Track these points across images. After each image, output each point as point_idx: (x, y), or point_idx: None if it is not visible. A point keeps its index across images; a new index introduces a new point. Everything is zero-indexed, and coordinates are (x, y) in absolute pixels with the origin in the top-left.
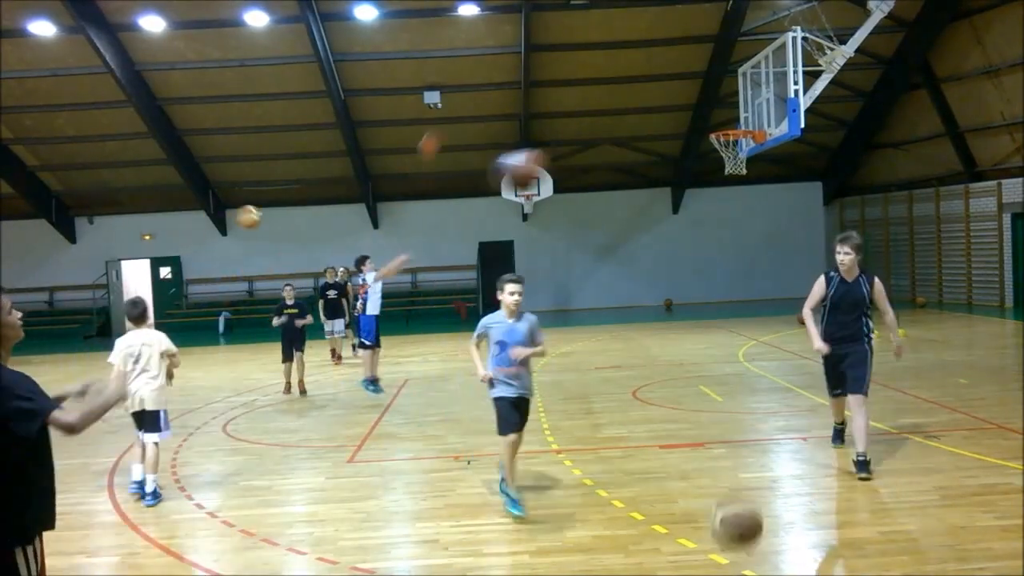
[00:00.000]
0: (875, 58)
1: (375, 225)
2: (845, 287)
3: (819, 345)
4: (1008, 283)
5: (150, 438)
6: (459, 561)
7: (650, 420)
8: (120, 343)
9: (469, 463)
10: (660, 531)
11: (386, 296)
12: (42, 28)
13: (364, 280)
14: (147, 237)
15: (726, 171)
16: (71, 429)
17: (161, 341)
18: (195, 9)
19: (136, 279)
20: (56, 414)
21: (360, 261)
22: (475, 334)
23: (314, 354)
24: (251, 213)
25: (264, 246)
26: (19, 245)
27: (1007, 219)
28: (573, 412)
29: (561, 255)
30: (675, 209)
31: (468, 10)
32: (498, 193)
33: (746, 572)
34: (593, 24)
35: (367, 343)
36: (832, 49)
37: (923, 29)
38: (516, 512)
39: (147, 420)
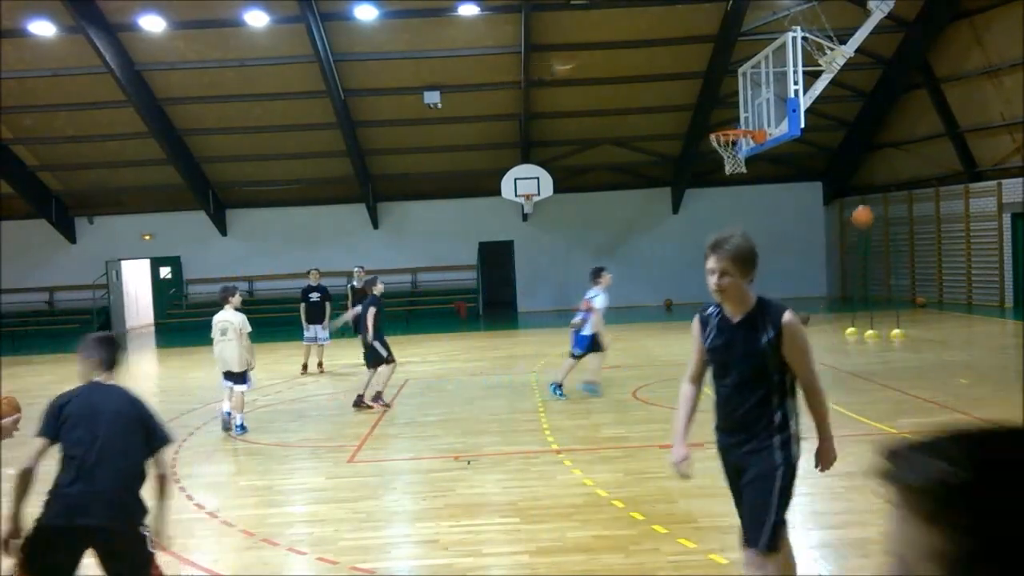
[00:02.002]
0: (875, 58)
1: (375, 225)
2: (729, 334)
3: (674, 452)
4: (1008, 283)
5: (238, 388)
6: (459, 561)
7: (650, 420)
8: (214, 319)
9: (469, 463)
10: (660, 531)
11: (386, 296)
12: (42, 28)
13: (590, 298)
14: (147, 237)
15: (727, 171)
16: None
17: (241, 322)
18: (195, 9)
19: (136, 279)
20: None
21: (597, 273)
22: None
23: (297, 361)
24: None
25: (264, 246)
26: (19, 245)
27: (1007, 219)
28: (573, 412)
29: (561, 255)
30: (675, 209)
31: (468, 10)
32: (498, 193)
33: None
34: (593, 24)
35: (576, 354)
36: (832, 49)
37: (923, 29)
38: None
39: (235, 376)
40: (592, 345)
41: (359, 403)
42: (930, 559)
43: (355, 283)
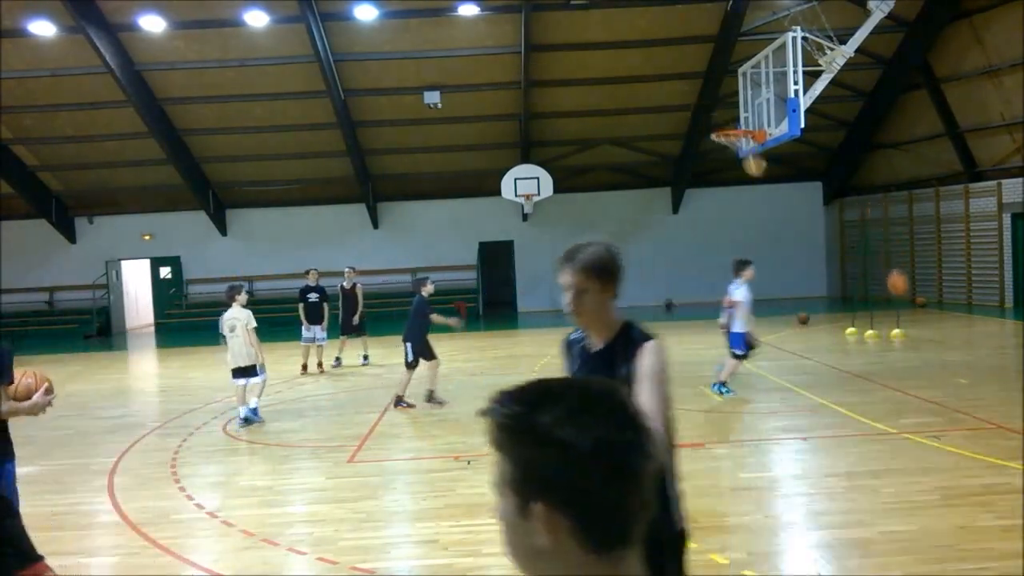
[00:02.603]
0: (875, 58)
1: (375, 225)
2: (590, 365)
3: None
4: (1008, 283)
5: (253, 380)
6: (459, 561)
7: None
8: (223, 318)
9: (469, 463)
10: None
11: (386, 296)
12: (42, 28)
13: (732, 294)
14: (147, 237)
15: (739, 157)
16: None
17: (246, 318)
18: (195, 9)
19: (136, 279)
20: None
21: (741, 265)
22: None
23: (296, 361)
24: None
25: (264, 246)
26: (19, 245)
27: (1007, 219)
28: None
29: (561, 255)
30: (675, 209)
31: (468, 10)
32: (498, 193)
33: (746, 572)
34: (593, 24)
35: (738, 353)
36: (832, 49)
37: (923, 29)
38: None
39: (248, 371)
40: (748, 342)
41: (431, 398)
42: (503, 485)
43: (344, 283)
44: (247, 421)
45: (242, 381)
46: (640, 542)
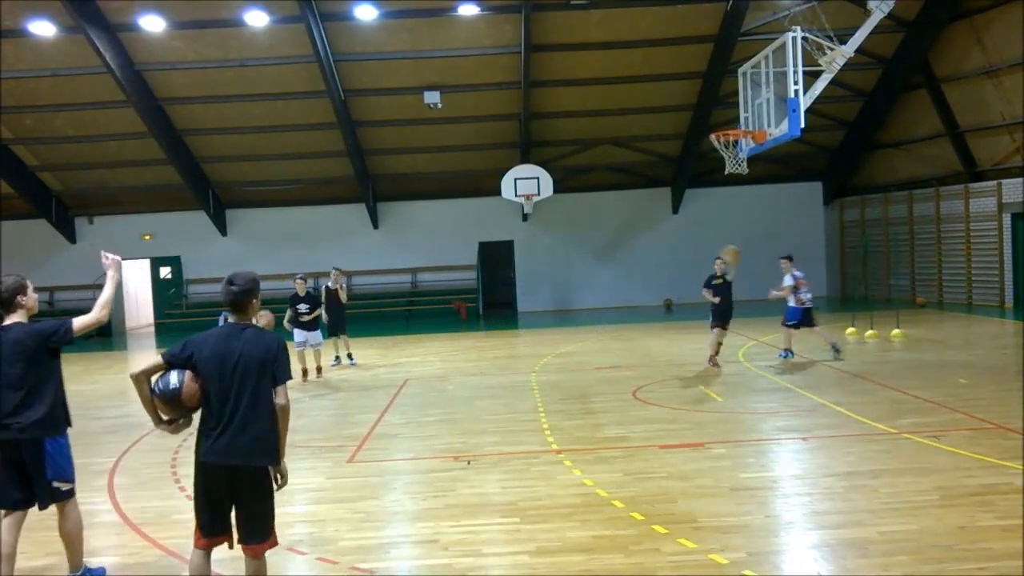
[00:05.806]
0: (875, 58)
1: (375, 225)
2: None
3: None
4: (1008, 283)
5: None
6: (459, 561)
7: (650, 420)
8: None
9: (469, 463)
10: (660, 531)
11: (386, 296)
12: (42, 28)
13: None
14: (147, 237)
15: (726, 171)
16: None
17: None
18: (195, 9)
19: (136, 279)
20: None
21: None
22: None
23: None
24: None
25: (264, 246)
26: (19, 245)
27: (1007, 219)
28: (573, 412)
29: (561, 255)
30: (675, 209)
31: (468, 10)
32: (498, 193)
33: (746, 572)
34: (593, 24)
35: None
36: (832, 49)
37: (923, 29)
38: None
39: None
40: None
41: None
42: None
43: (329, 284)
44: None
45: None
46: None
